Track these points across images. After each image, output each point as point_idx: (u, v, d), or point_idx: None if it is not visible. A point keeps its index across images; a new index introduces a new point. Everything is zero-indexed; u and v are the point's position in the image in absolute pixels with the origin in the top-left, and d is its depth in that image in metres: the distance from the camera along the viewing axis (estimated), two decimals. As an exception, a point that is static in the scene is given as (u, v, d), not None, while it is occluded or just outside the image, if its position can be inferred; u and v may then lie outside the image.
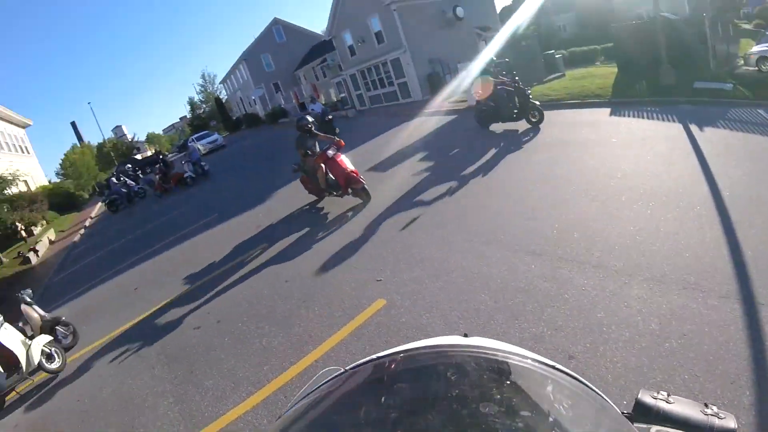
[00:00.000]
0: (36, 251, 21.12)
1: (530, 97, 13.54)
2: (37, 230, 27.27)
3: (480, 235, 7.15)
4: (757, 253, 5.15)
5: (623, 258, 5.59)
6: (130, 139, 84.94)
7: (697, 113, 11.73)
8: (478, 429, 1.22)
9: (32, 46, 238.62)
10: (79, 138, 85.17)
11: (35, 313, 9.08)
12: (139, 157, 64.90)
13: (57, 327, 9.22)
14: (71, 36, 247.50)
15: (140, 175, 28.98)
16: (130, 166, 34.39)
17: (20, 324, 8.77)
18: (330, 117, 20.77)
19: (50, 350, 8.37)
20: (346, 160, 10.68)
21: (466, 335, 2.00)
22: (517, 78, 13.67)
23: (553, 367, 1.57)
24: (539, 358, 1.63)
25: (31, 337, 8.50)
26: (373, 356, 1.70)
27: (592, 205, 7.09)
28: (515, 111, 13.51)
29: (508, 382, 1.52)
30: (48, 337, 8.57)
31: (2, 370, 7.92)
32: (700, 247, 5.52)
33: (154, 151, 58.98)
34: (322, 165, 10.74)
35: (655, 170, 8.29)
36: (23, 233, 25.53)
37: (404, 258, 7.35)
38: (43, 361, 8.09)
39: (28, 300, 9.19)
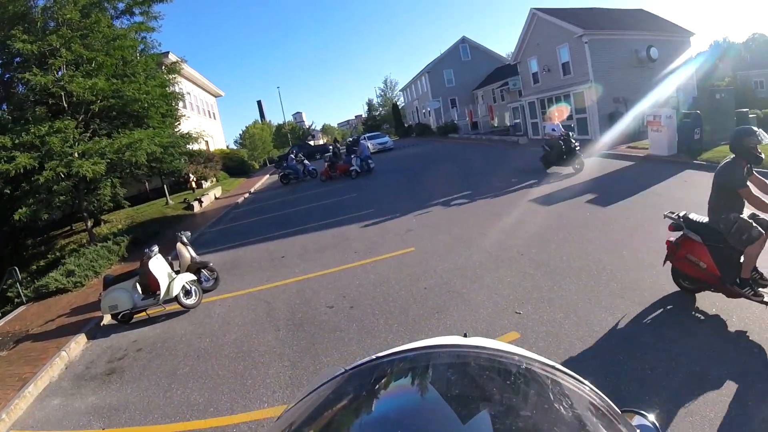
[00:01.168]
0: (200, 202, 22.94)
1: None
2: (206, 184, 29.68)
3: (632, 295, 6.11)
4: None
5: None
6: (307, 126, 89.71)
7: None
8: (478, 428, 1.20)
9: (238, 28, 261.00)
10: (262, 116, 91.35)
11: (188, 253, 9.67)
12: (312, 143, 68.34)
13: (203, 270, 9.78)
14: (273, 25, 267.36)
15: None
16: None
17: (170, 258, 9.29)
18: (577, 144, 16.36)
19: (190, 288, 8.88)
20: None
21: (465, 335, 2.05)
22: None
23: (553, 367, 1.57)
24: (539, 358, 1.63)
25: (177, 272, 9.08)
26: (374, 356, 1.69)
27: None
28: None
29: (509, 382, 1.51)
30: (192, 276, 9.06)
31: (141, 292, 8.52)
32: None
33: (332, 140, 61.55)
34: None
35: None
36: (193, 184, 27.89)
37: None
38: (181, 295, 8.60)
39: (185, 241, 9.83)
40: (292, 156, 30.30)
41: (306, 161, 29.60)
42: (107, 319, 9.06)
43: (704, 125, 16.82)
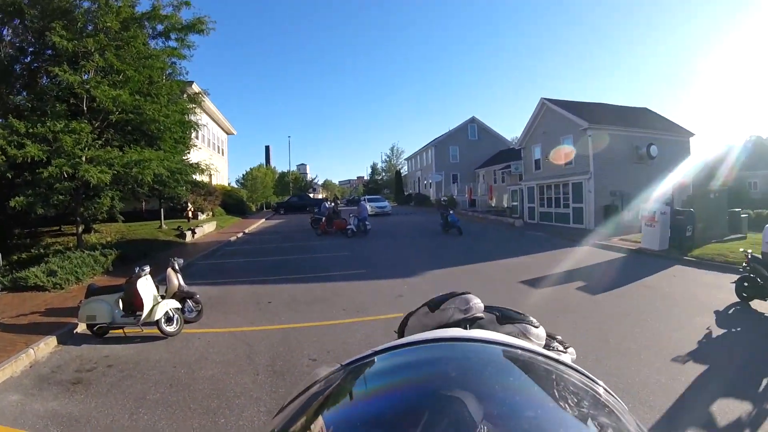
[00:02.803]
0: (194, 232, 22.72)
1: None
2: (202, 217, 29.59)
3: (617, 381, 6.15)
4: None
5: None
6: (309, 179, 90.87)
7: None
8: (479, 423, 1.13)
9: (263, 71, 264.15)
10: (268, 160, 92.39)
11: (176, 280, 9.51)
12: (311, 195, 69.07)
13: (188, 300, 9.54)
14: (295, 75, 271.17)
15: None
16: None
17: (157, 282, 9.17)
18: None
19: (173, 315, 8.67)
20: None
21: (466, 327, 2.00)
22: None
23: (557, 361, 1.53)
24: (543, 351, 1.61)
25: (163, 297, 8.91)
26: (370, 351, 1.58)
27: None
28: None
29: (512, 377, 1.45)
30: (176, 304, 8.86)
31: (122, 308, 8.37)
32: None
33: (330, 196, 61.79)
34: None
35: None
36: (190, 214, 27.77)
37: None
38: (162, 321, 8.40)
39: (177, 267, 9.67)
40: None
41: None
42: (81, 328, 8.82)
43: (697, 223, 17.41)
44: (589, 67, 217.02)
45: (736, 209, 21.20)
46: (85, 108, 14.68)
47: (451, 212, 26.32)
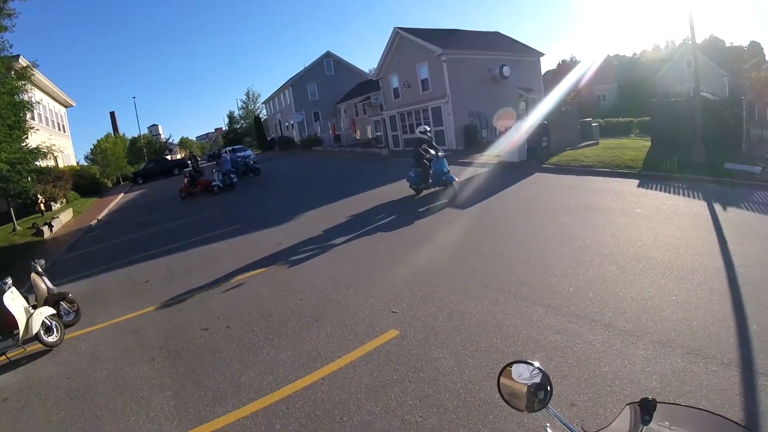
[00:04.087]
0: (51, 226, 21.13)
1: None
2: (55, 206, 27.38)
3: (497, 284, 7.15)
4: (762, 327, 5.15)
5: (633, 320, 5.64)
6: (164, 140, 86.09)
7: (723, 193, 11.69)
8: None
9: (90, 29, 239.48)
10: (115, 129, 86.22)
11: (43, 284, 8.98)
12: (169, 158, 66.02)
13: (62, 302, 9.06)
14: (130, 31, 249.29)
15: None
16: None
17: (24, 291, 8.63)
18: None
19: (51, 323, 8.20)
20: None
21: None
22: None
23: None
24: None
25: (34, 307, 8.33)
26: None
27: (609, 269, 7.25)
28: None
29: None
30: (51, 310, 8.38)
31: (-3, 333, 7.79)
32: (708, 318, 5.52)
33: (188, 154, 58.96)
34: None
35: (675, 243, 8.30)
36: (42, 206, 25.54)
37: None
38: (42, 332, 7.91)
39: (39, 270, 9.10)
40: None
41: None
42: (-42, 362, 8.25)
43: (551, 134, 19.43)
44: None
45: (587, 119, 23.49)
46: None
47: (438, 154, 15.22)
